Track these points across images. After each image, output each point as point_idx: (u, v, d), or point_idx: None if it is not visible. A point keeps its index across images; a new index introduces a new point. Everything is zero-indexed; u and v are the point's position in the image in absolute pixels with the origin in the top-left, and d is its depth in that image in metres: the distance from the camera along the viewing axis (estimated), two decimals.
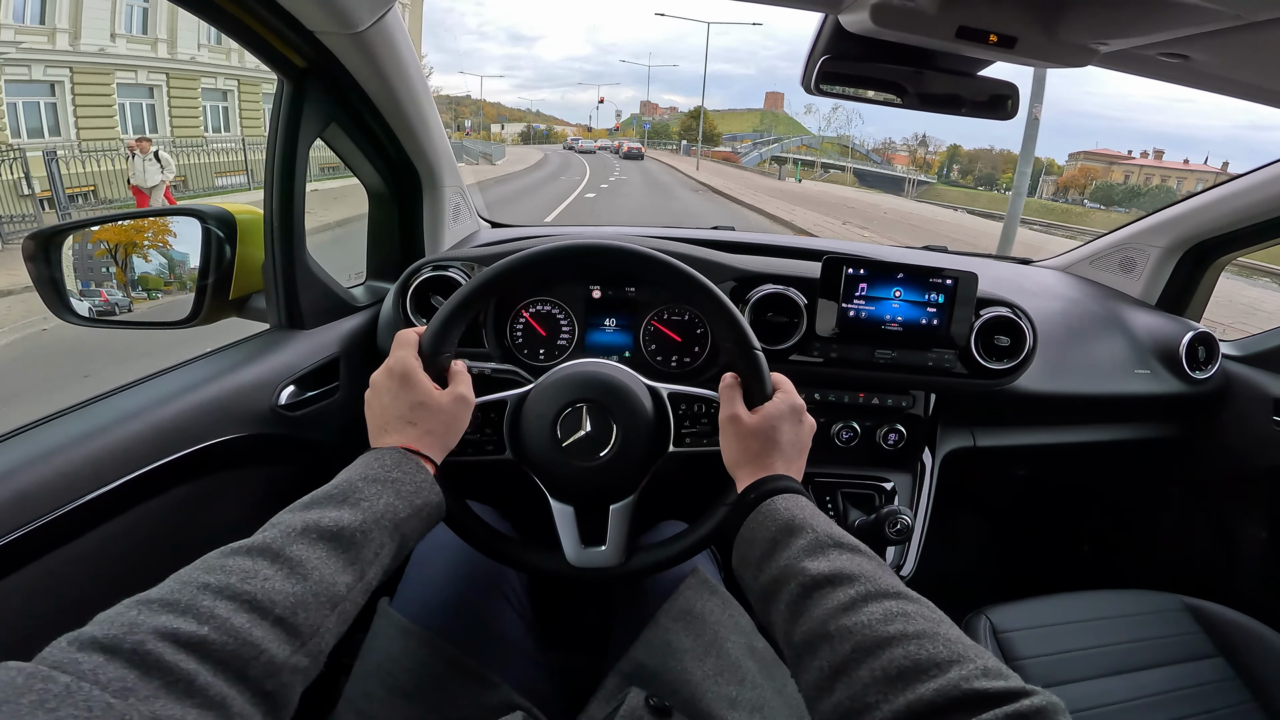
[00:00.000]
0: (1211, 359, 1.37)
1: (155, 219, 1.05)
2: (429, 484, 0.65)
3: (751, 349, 0.77)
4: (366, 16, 0.86)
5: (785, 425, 0.73)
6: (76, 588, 0.72)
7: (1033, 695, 0.43)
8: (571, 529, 0.80)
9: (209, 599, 0.44)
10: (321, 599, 0.50)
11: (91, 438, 0.72)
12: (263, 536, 0.52)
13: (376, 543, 0.57)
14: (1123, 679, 1.05)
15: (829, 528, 0.62)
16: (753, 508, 0.67)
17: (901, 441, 1.22)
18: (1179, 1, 0.67)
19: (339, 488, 0.59)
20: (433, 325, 0.75)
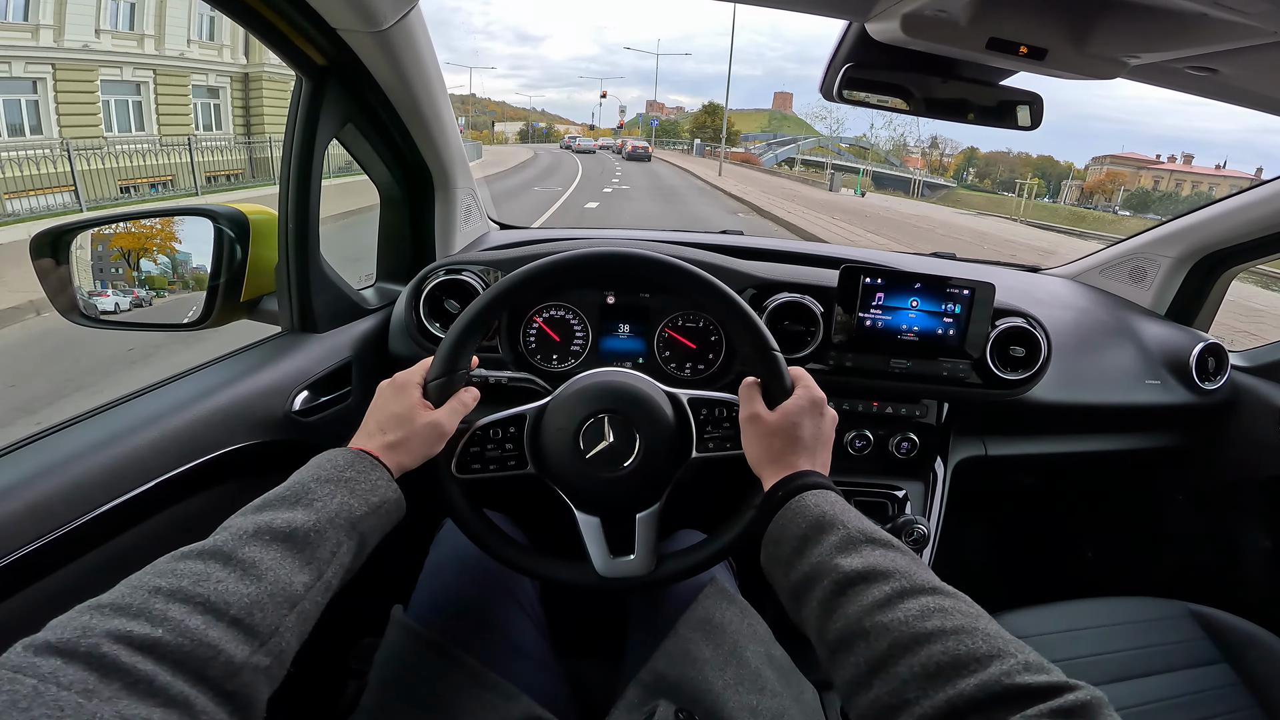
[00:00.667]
0: (1221, 370, 1.37)
1: (166, 218, 1.04)
2: (385, 482, 0.64)
3: (770, 350, 0.76)
4: (390, 14, 0.85)
5: (806, 420, 0.72)
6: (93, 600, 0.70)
7: (1077, 690, 0.42)
8: (599, 540, 0.79)
9: (161, 602, 0.44)
10: (278, 599, 0.49)
11: (107, 446, 0.71)
12: (214, 540, 0.52)
13: (333, 542, 0.56)
14: (1129, 685, 1.05)
15: (860, 523, 0.62)
16: (781, 505, 0.66)
17: (914, 450, 1.22)
18: (1214, 17, 0.66)
19: (291, 489, 0.59)
20: (436, 365, 0.75)
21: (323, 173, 0.96)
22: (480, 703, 0.72)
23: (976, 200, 46.38)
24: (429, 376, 0.75)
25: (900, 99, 1.03)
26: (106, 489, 0.69)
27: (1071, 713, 0.41)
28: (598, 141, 59.68)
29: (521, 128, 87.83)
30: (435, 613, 0.84)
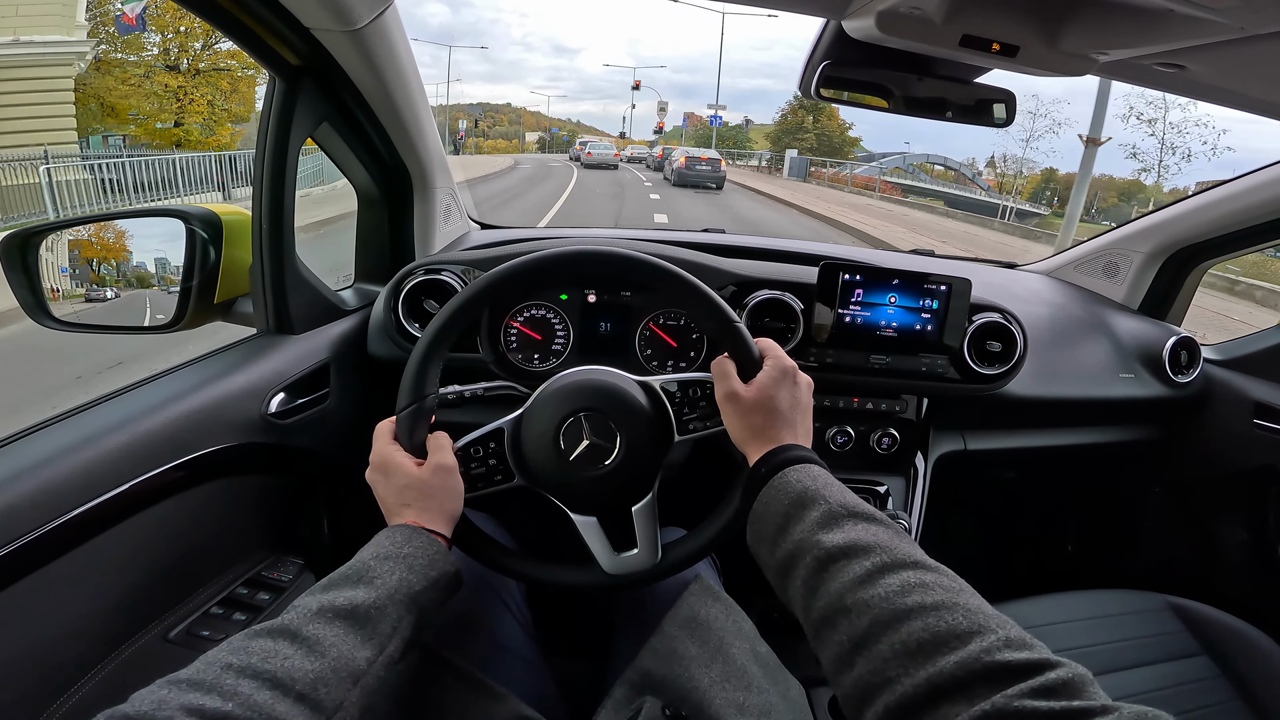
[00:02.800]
0: (1193, 363, 1.39)
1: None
2: (442, 555, 0.66)
3: (732, 324, 0.76)
4: (365, 13, 0.84)
5: (781, 391, 0.72)
6: (68, 604, 0.69)
7: (1059, 667, 0.42)
8: (600, 539, 0.79)
9: (232, 678, 0.47)
10: (342, 674, 0.52)
11: (78, 450, 0.70)
12: (282, 619, 0.54)
13: (394, 617, 0.58)
14: (1110, 678, 1.06)
15: (842, 496, 0.61)
16: (764, 482, 0.66)
17: (894, 445, 1.22)
18: (1181, 13, 0.68)
19: (354, 569, 0.61)
20: (403, 394, 0.74)
21: (296, 175, 0.95)
22: (467, 704, 0.71)
23: (1083, 235, 33.12)
24: (398, 406, 0.74)
25: (879, 97, 1.04)
26: (78, 493, 0.68)
27: (1053, 691, 0.40)
28: (623, 152, 37.28)
29: (540, 136, 74.24)
30: None
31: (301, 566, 0.99)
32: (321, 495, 1.11)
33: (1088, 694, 0.41)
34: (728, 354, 0.76)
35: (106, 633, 0.75)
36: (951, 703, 0.42)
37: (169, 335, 0.98)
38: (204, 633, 0.83)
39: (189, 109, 15.04)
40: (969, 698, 0.42)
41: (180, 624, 0.83)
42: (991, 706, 0.40)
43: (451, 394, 0.84)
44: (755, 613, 0.89)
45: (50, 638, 0.68)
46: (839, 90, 1.01)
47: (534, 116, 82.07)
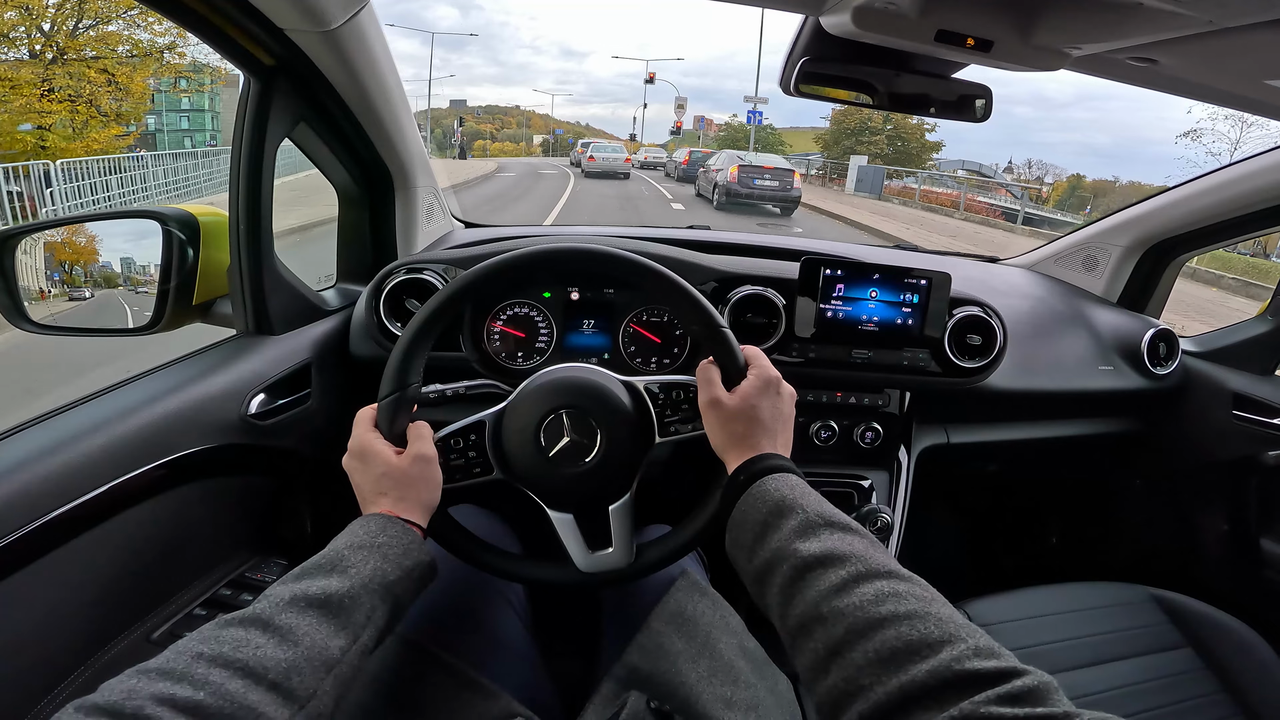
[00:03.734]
0: (1172, 355, 1.41)
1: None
2: (417, 545, 0.66)
3: (719, 329, 0.77)
4: (339, 14, 0.84)
5: (764, 401, 0.73)
6: (49, 607, 0.69)
7: (1025, 675, 0.43)
8: (575, 536, 0.79)
9: (203, 667, 0.46)
10: (315, 663, 0.51)
11: (53, 453, 0.69)
12: (254, 608, 0.54)
13: (367, 607, 0.58)
14: (1097, 670, 1.07)
15: (819, 506, 0.63)
16: (743, 490, 0.67)
17: (878, 439, 1.23)
18: (1151, 7, 0.68)
19: (327, 557, 0.61)
20: (386, 383, 0.74)
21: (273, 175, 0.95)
22: (459, 701, 0.71)
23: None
24: (380, 394, 0.74)
25: (863, 94, 1.04)
26: (56, 495, 0.68)
27: (1019, 698, 0.41)
28: (635, 156, 29.97)
29: (544, 138, 66.85)
30: (419, 612, 0.83)
31: (285, 567, 0.98)
32: (304, 496, 1.10)
33: (1052, 700, 0.42)
34: (712, 359, 0.77)
35: (88, 635, 0.75)
36: (923, 709, 0.43)
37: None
38: (187, 634, 0.82)
39: (41, 105, 11.70)
40: (939, 704, 0.43)
41: (163, 625, 0.82)
42: (960, 713, 0.41)
43: (433, 393, 0.84)
44: (742, 608, 0.89)
45: (31, 641, 0.67)
46: (819, 86, 1.01)
47: (542, 119, 77.98)
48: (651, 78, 37.92)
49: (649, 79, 37.84)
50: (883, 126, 33.11)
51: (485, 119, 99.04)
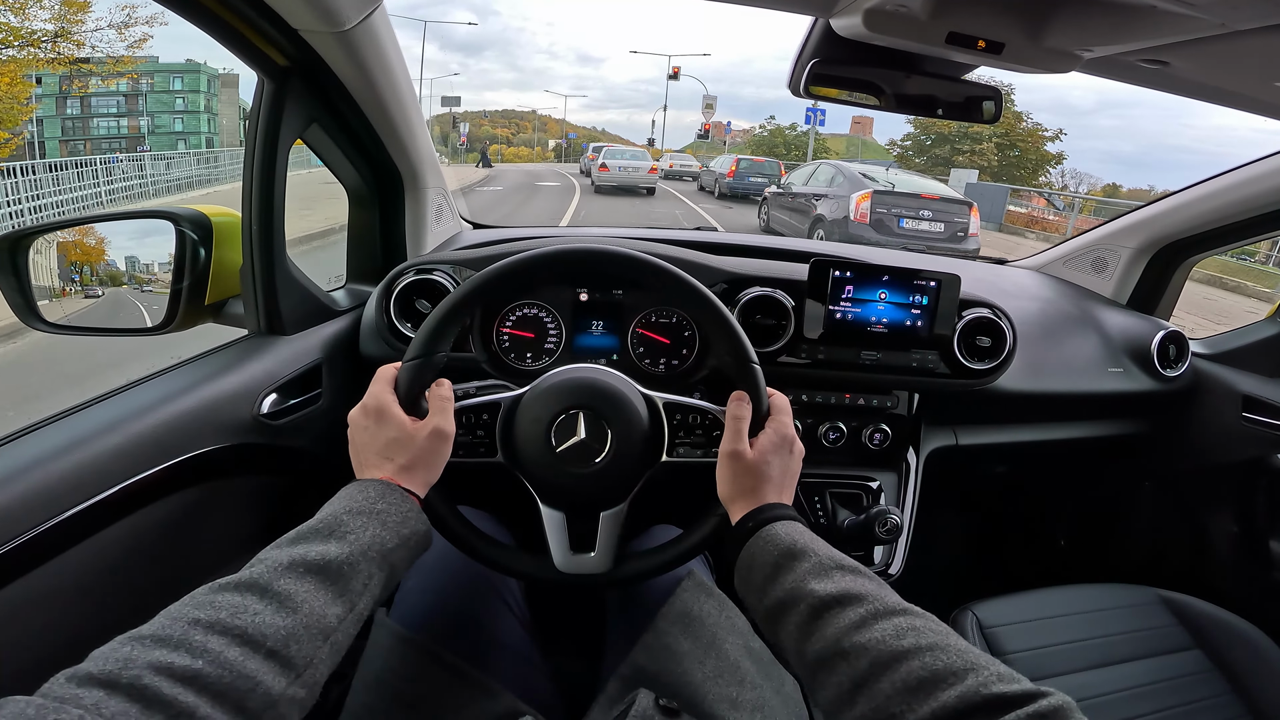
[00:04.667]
0: (1182, 357, 1.40)
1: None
2: (415, 514, 0.65)
3: (749, 363, 0.78)
4: (353, 15, 0.84)
5: (777, 459, 0.74)
6: (59, 606, 0.69)
7: (1049, 695, 0.45)
8: (562, 535, 0.79)
9: (200, 634, 0.45)
10: (313, 631, 0.51)
11: (68, 452, 0.70)
12: (250, 572, 0.53)
13: (365, 574, 0.57)
14: (1105, 672, 1.07)
15: (830, 551, 0.65)
16: (752, 534, 0.68)
17: (886, 441, 1.23)
18: (1164, 9, 0.68)
19: (324, 521, 0.60)
20: (413, 348, 0.75)
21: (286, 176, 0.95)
22: (462, 700, 0.72)
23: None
24: (406, 357, 0.74)
25: (870, 95, 1.04)
26: (69, 495, 0.68)
27: (1045, 716, 0.44)
28: (660, 164, 21.39)
29: (557, 143, 63.14)
30: (418, 612, 0.83)
31: None
32: (315, 495, 1.10)
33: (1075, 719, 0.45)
34: (745, 397, 0.77)
35: (100, 635, 0.75)
36: None
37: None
38: None
39: None
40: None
41: None
42: None
43: None
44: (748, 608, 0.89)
45: (43, 641, 0.68)
46: (829, 88, 1.01)
47: (558, 124, 76.99)
48: (676, 73, 33.20)
49: (673, 74, 33.11)
50: (987, 131, 24.10)
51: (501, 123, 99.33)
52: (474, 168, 26.47)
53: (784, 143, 37.30)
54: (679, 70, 32.92)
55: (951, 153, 26.70)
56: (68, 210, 9.41)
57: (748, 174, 16.98)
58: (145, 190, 11.35)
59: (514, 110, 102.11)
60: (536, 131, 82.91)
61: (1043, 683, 0.72)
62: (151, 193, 11.41)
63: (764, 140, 40.44)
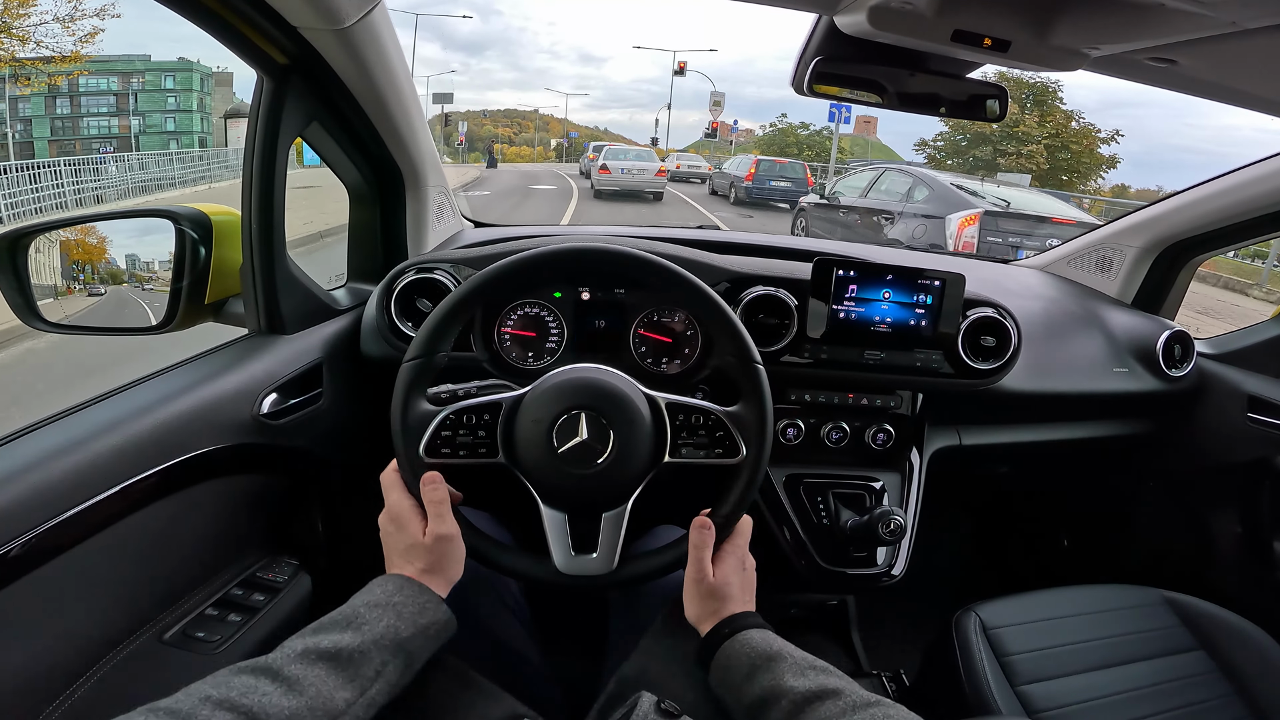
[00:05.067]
0: (1187, 357, 1.39)
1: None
2: (433, 604, 0.68)
3: (753, 364, 0.80)
4: (353, 12, 0.83)
5: (736, 578, 0.78)
6: (62, 607, 0.69)
7: None
8: (563, 536, 0.79)
9: (209, 710, 0.49)
10: (318, 713, 0.54)
11: (67, 452, 0.69)
12: (267, 658, 0.57)
13: (377, 661, 0.60)
14: (1108, 673, 1.06)
15: (802, 653, 0.70)
16: (727, 638, 0.72)
17: (890, 441, 1.23)
18: (1172, 8, 0.67)
19: (343, 614, 0.64)
20: (414, 348, 0.77)
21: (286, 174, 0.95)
22: (461, 702, 0.71)
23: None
24: (406, 356, 0.77)
25: (873, 93, 1.03)
26: (68, 496, 0.68)
27: None
28: (669, 165, 20.19)
29: (558, 142, 60.29)
30: None
31: (296, 567, 0.98)
32: (316, 495, 1.10)
33: None
34: (710, 518, 0.79)
35: (102, 635, 0.75)
36: None
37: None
38: (199, 634, 0.83)
39: None
40: None
41: (175, 625, 0.83)
42: None
43: (444, 393, 0.84)
44: None
45: (45, 641, 0.68)
46: (832, 86, 1.00)
47: (560, 123, 76.34)
48: (682, 68, 31.19)
49: (679, 69, 31.13)
50: (1038, 131, 22.25)
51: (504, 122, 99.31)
52: (479, 168, 25.71)
53: (796, 142, 35.03)
54: (685, 65, 31.41)
55: (994, 155, 23.44)
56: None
57: (769, 177, 15.28)
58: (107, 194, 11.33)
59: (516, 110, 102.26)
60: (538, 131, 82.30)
61: (1047, 684, 0.73)
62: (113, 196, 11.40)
63: (774, 139, 38.07)
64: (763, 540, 1.16)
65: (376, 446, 0.93)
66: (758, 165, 15.81)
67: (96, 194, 11.09)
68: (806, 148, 33.57)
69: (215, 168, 15.54)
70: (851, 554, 1.16)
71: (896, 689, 1.34)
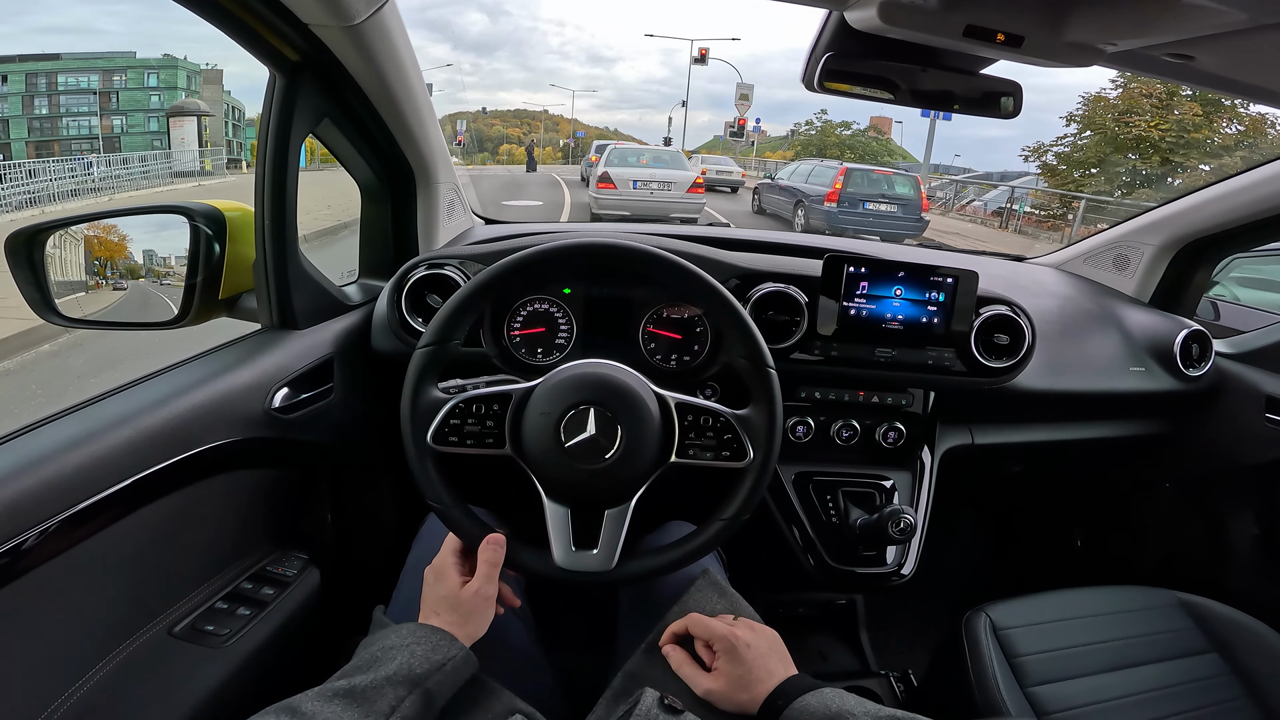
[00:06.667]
0: (1205, 356, 1.37)
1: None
2: (448, 642, 0.68)
3: (765, 368, 0.80)
4: (363, 9, 0.84)
5: (740, 669, 0.73)
6: (73, 599, 0.70)
7: None
8: (564, 531, 0.79)
9: None
10: None
11: (82, 444, 0.70)
12: (292, 699, 0.59)
13: (392, 697, 0.61)
14: (1121, 675, 1.05)
15: (872, 704, 0.67)
16: (781, 711, 0.69)
17: (901, 439, 1.22)
18: (1189, 3, 0.66)
19: (362, 658, 0.66)
20: (428, 335, 0.79)
21: (298, 171, 0.95)
22: (460, 699, 0.72)
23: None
24: (421, 342, 0.78)
25: (884, 90, 1.02)
26: (82, 487, 0.69)
27: None
28: (701, 171, 12.24)
29: (565, 142, 55.92)
30: (416, 609, 0.84)
31: (306, 561, 0.99)
32: (325, 490, 1.11)
33: None
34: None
35: (112, 627, 0.76)
36: None
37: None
38: (208, 627, 0.84)
39: None
40: None
41: (185, 619, 0.84)
42: None
43: (453, 388, 0.85)
44: (759, 604, 0.89)
45: (55, 632, 0.69)
46: (843, 83, 0.99)
47: (570, 123, 75.70)
48: (704, 55, 25.57)
49: (699, 56, 25.61)
50: (1229, 138, 16.23)
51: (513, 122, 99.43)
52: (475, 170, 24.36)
53: (838, 144, 29.10)
54: (706, 52, 25.76)
55: (1163, 166, 16.64)
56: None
57: (864, 195, 10.30)
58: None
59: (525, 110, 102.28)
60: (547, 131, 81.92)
61: (1058, 685, 0.72)
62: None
63: (811, 140, 30.88)
64: (771, 538, 1.16)
65: (386, 441, 0.94)
66: (846, 177, 10.53)
67: None
68: (849, 149, 28.45)
69: (135, 174, 14.48)
70: (861, 553, 1.15)
71: (904, 689, 1.33)
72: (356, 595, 1.00)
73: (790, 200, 11.39)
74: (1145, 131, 16.13)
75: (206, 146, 21.50)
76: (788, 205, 11.46)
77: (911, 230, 8.56)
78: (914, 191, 10.53)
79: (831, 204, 10.25)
